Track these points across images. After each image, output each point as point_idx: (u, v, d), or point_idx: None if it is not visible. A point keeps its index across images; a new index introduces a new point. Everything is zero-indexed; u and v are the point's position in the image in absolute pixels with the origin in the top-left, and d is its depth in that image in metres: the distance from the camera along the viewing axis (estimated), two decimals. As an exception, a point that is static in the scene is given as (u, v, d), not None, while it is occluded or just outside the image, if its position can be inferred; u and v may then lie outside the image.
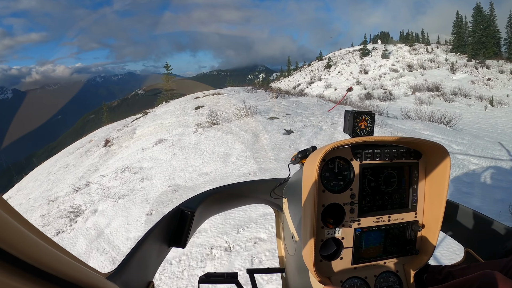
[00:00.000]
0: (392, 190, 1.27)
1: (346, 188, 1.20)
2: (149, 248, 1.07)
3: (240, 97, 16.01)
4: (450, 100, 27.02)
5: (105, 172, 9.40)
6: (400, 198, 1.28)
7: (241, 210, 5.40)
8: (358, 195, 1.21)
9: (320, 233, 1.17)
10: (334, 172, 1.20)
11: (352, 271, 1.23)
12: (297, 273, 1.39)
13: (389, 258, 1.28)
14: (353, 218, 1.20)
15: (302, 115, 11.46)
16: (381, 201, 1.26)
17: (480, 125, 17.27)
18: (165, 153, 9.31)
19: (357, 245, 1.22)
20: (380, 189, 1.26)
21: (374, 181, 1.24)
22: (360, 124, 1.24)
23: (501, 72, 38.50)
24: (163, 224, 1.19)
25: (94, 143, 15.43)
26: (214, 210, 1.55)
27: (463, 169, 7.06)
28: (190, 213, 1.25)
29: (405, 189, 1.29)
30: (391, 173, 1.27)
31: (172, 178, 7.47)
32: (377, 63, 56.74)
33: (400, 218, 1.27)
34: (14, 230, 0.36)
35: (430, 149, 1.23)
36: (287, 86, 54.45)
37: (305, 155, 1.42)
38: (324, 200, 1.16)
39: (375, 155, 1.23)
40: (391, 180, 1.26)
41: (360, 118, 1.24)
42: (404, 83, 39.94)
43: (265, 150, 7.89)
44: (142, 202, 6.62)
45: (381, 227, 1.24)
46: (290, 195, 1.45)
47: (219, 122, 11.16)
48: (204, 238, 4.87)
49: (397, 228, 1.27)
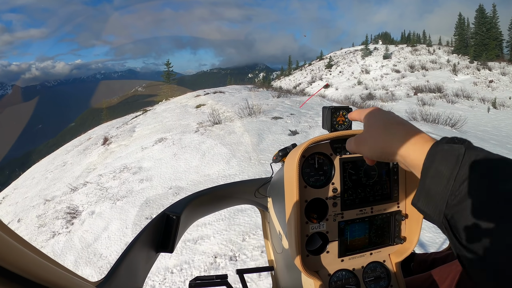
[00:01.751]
0: (373, 182, 1.26)
1: (328, 182, 1.20)
2: (137, 254, 1.06)
3: (242, 96, 15.76)
4: (452, 101, 26.93)
5: (103, 172, 9.13)
6: (381, 189, 1.27)
7: (246, 216, 5.13)
8: (340, 189, 1.21)
9: (305, 229, 1.17)
10: (314, 167, 1.20)
11: (339, 263, 1.24)
12: (286, 270, 1.42)
13: (375, 249, 1.28)
14: (336, 212, 1.21)
15: (306, 115, 11.19)
16: (363, 193, 1.25)
17: (484, 127, 17.24)
18: (165, 153, 9.04)
19: (342, 237, 1.23)
20: (361, 181, 1.24)
21: (355, 174, 1.24)
22: (338, 120, 1.23)
23: (503, 74, 38.37)
24: (150, 230, 1.18)
25: (93, 141, 15.16)
26: (199, 213, 1.54)
27: None
28: (175, 218, 1.26)
29: (385, 181, 1.28)
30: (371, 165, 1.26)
31: (173, 179, 7.20)
32: (379, 64, 56.60)
33: (383, 209, 1.27)
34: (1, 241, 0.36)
35: None
36: (287, 85, 54.15)
37: (286, 153, 1.40)
38: (306, 195, 1.16)
39: None
40: (371, 173, 1.25)
41: (337, 113, 1.23)
42: (406, 83, 39.80)
43: (270, 152, 7.61)
44: (141, 205, 6.35)
45: (365, 218, 1.25)
46: (274, 194, 1.44)
47: (221, 122, 10.89)
48: (207, 246, 4.59)
49: (381, 219, 1.28)
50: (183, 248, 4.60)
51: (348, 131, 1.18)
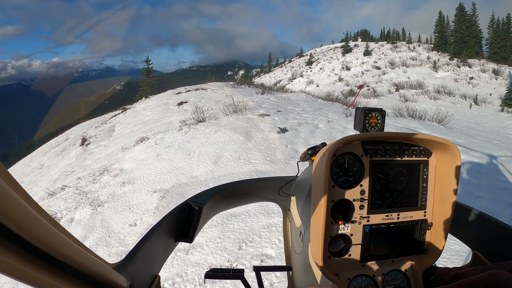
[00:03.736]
0: (401, 188, 1.24)
1: (356, 184, 1.18)
2: (156, 241, 1.06)
3: (225, 93, 15.37)
4: (434, 98, 27.31)
5: (82, 174, 8.59)
6: (409, 196, 1.25)
7: (240, 221, 4.76)
8: (368, 191, 1.19)
9: (330, 229, 1.16)
10: (344, 167, 1.18)
11: (360, 268, 1.21)
12: (304, 271, 1.39)
13: (398, 257, 1.26)
14: (363, 215, 1.19)
15: (294, 112, 10.90)
16: (390, 198, 1.23)
17: (467, 123, 17.57)
18: (147, 154, 8.57)
19: (366, 242, 1.20)
20: (390, 186, 1.23)
21: (384, 178, 1.22)
22: (371, 121, 1.25)
23: (483, 71, 39.27)
24: (171, 218, 1.19)
25: (71, 142, 14.45)
26: (221, 206, 1.54)
27: (469, 170, 6.73)
28: (198, 208, 1.26)
29: (414, 187, 1.26)
30: (401, 170, 1.25)
31: (157, 182, 6.76)
32: (359, 60, 57.01)
33: (410, 216, 1.25)
34: (27, 214, 0.38)
35: (440, 147, 1.22)
36: (268, 82, 53.89)
37: (315, 151, 1.41)
38: (333, 195, 1.15)
39: (385, 152, 1.22)
40: (400, 178, 1.24)
41: (370, 115, 1.24)
42: (387, 80, 40.21)
43: (260, 150, 7.26)
44: (124, 211, 5.89)
45: (390, 224, 1.22)
46: (299, 193, 1.43)
47: (206, 119, 10.46)
48: (200, 255, 4.20)
49: (406, 227, 1.25)
50: (173, 259, 4.17)
51: (381, 133, 1.18)
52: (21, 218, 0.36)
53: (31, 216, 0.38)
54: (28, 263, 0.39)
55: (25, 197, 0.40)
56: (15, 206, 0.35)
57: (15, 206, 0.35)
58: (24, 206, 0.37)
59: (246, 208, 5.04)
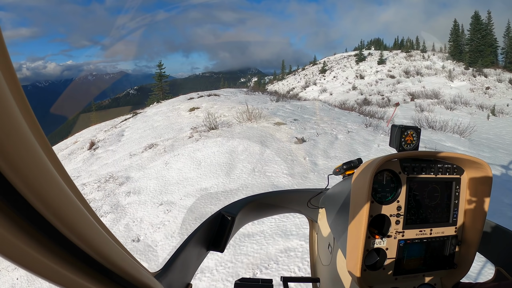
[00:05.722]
0: (435, 204, 1.26)
1: (393, 200, 1.19)
2: (191, 251, 1.09)
3: (239, 99, 14.95)
4: (451, 108, 26.60)
5: (87, 180, 8.21)
6: (441, 212, 1.26)
7: (254, 243, 4.25)
8: (404, 207, 1.20)
9: (367, 243, 1.15)
10: (382, 183, 1.20)
11: (393, 281, 1.22)
12: (332, 283, 1.40)
13: (428, 271, 1.27)
14: (398, 230, 1.20)
15: (311, 121, 10.42)
16: (424, 214, 1.24)
17: (486, 134, 17.00)
18: (155, 161, 8.16)
19: (400, 256, 1.22)
20: (424, 202, 1.24)
21: (419, 194, 1.24)
22: (407, 139, 1.28)
23: (500, 81, 38.36)
24: (204, 228, 1.22)
25: (79, 145, 14.17)
26: (252, 216, 1.55)
27: (499, 188, 6.21)
28: (231, 218, 1.28)
29: (447, 204, 1.27)
30: (435, 187, 1.26)
31: (164, 192, 6.32)
32: (373, 69, 56.53)
33: (441, 232, 1.25)
34: (86, 222, 0.36)
35: (472, 165, 1.23)
36: (281, 90, 53.67)
37: (350, 166, 1.41)
38: (372, 211, 1.16)
39: (421, 169, 1.23)
40: (434, 194, 1.25)
41: (406, 133, 1.28)
42: (401, 89, 39.60)
43: (276, 162, 6.77)
44: (127, 224, 5.45)
45: (423, 239, 1.23)
46: (330, 205, 1.44)
47: (218, 127, 10.02)
48: (208, 282, 3.70)
49: (438, 242, 1.26)
50: None
51: (419, 151, 1.22)
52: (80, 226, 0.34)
53: (90, 224, 0.36)
54: (81, 274, 0.37)
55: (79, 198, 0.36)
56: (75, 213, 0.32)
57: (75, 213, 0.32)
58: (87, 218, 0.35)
59: (261, 228, 4.55)
